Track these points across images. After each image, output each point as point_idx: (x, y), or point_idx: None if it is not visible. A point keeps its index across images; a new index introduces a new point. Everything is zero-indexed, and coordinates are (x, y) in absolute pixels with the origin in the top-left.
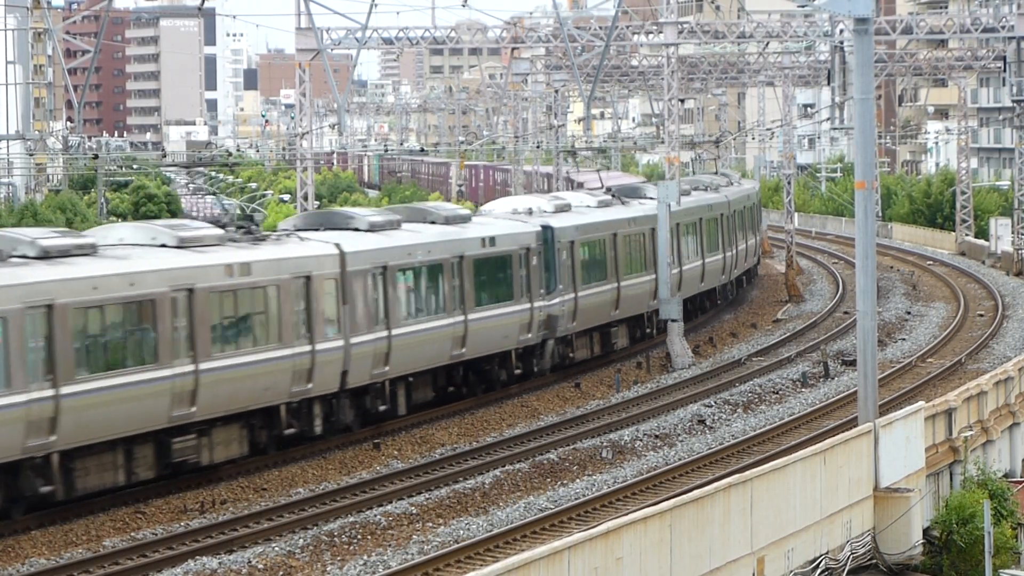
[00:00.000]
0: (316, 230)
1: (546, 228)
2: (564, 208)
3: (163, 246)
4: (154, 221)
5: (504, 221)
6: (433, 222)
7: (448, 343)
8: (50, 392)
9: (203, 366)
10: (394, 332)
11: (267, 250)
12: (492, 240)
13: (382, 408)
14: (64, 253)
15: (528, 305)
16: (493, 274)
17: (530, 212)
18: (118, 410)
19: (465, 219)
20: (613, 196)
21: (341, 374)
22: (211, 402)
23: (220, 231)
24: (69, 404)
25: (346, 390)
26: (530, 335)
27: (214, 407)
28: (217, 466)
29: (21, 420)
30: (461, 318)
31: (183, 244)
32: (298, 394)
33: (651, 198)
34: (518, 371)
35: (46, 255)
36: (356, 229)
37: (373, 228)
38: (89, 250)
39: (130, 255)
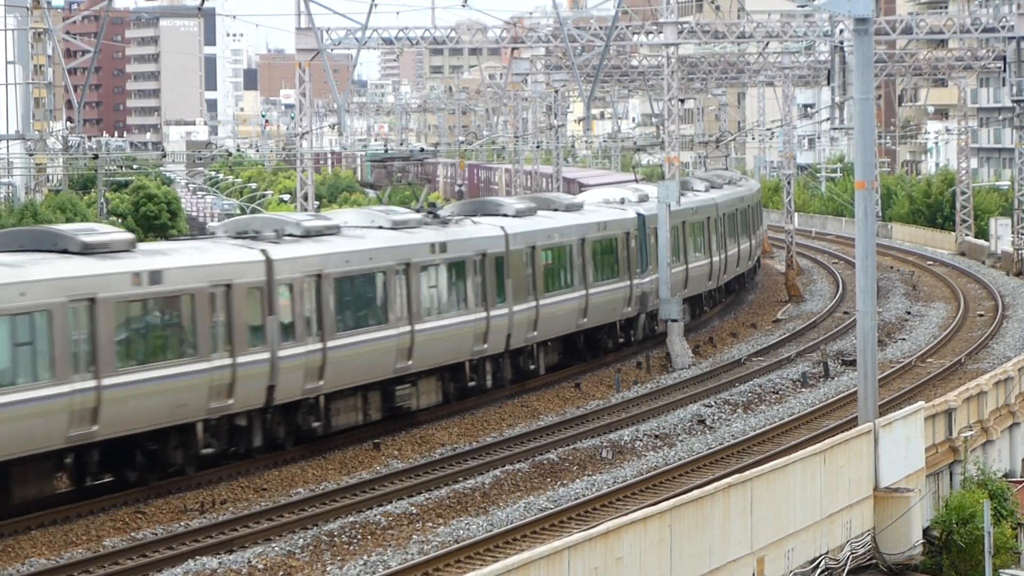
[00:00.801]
0: (474, 215)
1: (639, 215)
2: (644, 198)
3: (380, 227)
4: (372, 207)
5: (607, 208)
6: (556, 209)
7: (573, 314)
8: (318, 345)
9: (417, 327)
10: (542, 302)
11: (454, 231)
12: (605, 225)
13: (532, 367)
14: (320, 233)
15: (628, 282)
16: (605, 255)
17: (623, 202)
18: (361, 361)
19: (580, 207)
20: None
21: (506, 337)
22: (422, 358)
23: (419, 215)
24: (332, 354)
25: (510, 349)
26: (629, 308)
27: (421, 363)
28: (424, 409)
29: (277, 367)
30: (583, 292)
31: (396, 226)
32: (477, 353)
33: (697, 190)
34: (620, 340)
35: (308, 234)
36: (506, 215)
37: (519, 214)
38: (335, 231)
39: (364, 235)
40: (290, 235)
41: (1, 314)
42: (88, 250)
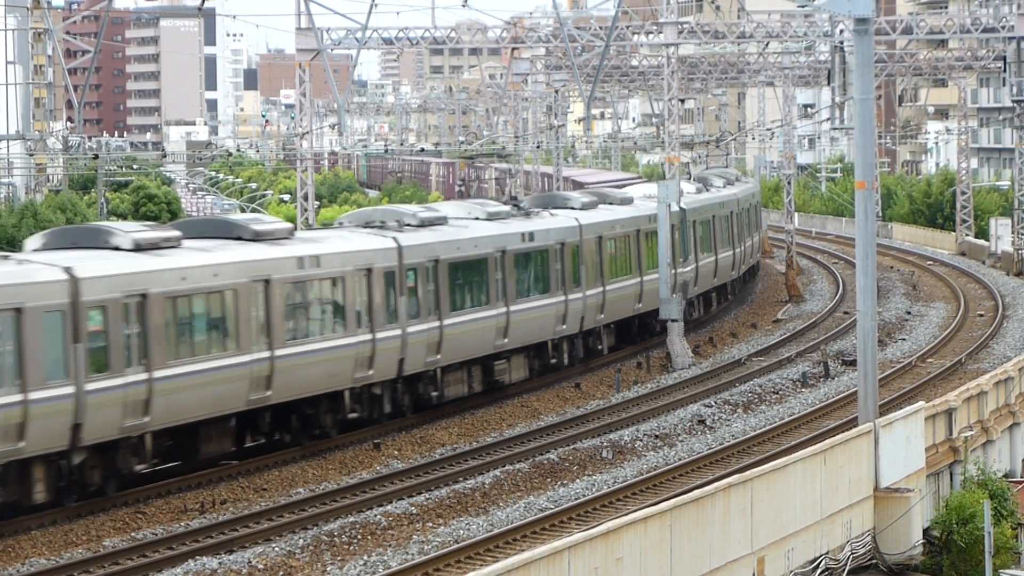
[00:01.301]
0: (547, 208)
1: (682, 209)
2: (693, 191)
3: (477, 219)
4: (467, 200)
5: (652, 202)
6: (612, 203)
7: (631, 299)
8: (436, 324)
9: (512, 308)
10: (608, 288)
11: (538, 222)
12: (654, 218)
13: (599, 347)
14: (432, 223)
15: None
16: (655, 246)
17: (696, 191)
18: (469, 338)
19: (631, 201)
20: (700, 182)
21: (580, 319)
22: (515, 337)
23: (507, 208)
24: (448, 331)
25: (583, 330)
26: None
27: (515, 340)
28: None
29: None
30: (639, 279)
31: (491, 217)
32: (558, 333)
33: (717, 185)
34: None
35: (423, 224)
36: (574, 208)
37: (585, 207)
38: (444, 221)
39: (468, 225)
40: (409, 224)
41: (199, 293)
42: (259, 238)
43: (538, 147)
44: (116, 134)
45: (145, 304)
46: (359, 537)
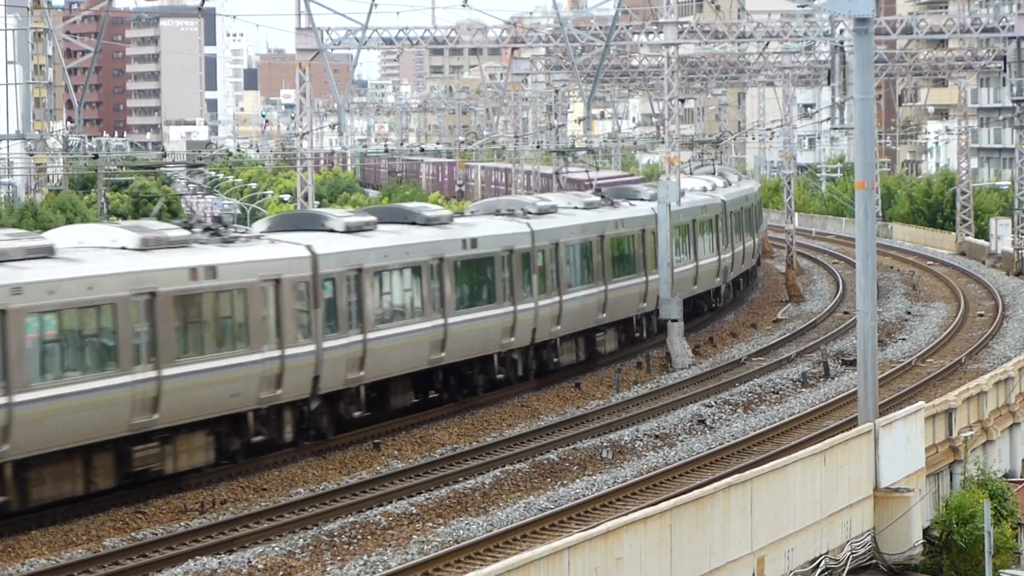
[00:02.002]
0: (624, 199)
1: (723, 201)
2: (715, 187)
3: (576, 208)
4: (566, 192)
5: (701, 195)
6: (643, 199)
7: (689, 281)
8: (556, 299)
9: (610, 286)
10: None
11: (625, 211)
12: (705, 208)
13: (638, 335)
14: (546, 212)
15: (717, 257)
16: (705, 233)
17: (713, 188)
18: (577, 312)
19: (683, 193)
20: (722, 178)
21: (656, 298)
22: (612, 311)
23: (599, 198)
24: (567, 306)
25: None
26: (719, 279)
27: (613, 315)
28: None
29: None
30: (694, 264)
31: (588, 206)
32: (642, 310)
33: (733, 180)
34: (714, 305)
35: (541, 212)
36: (643, 199)
37: (652, 199)
38: (555, 210)
39: (574, 213)
40: (531, 212)
41: (396, 268)
42: (429, 223)
43: (538, 147)
44: (116, 134)
45: (360, 277)
46: (359, 537)
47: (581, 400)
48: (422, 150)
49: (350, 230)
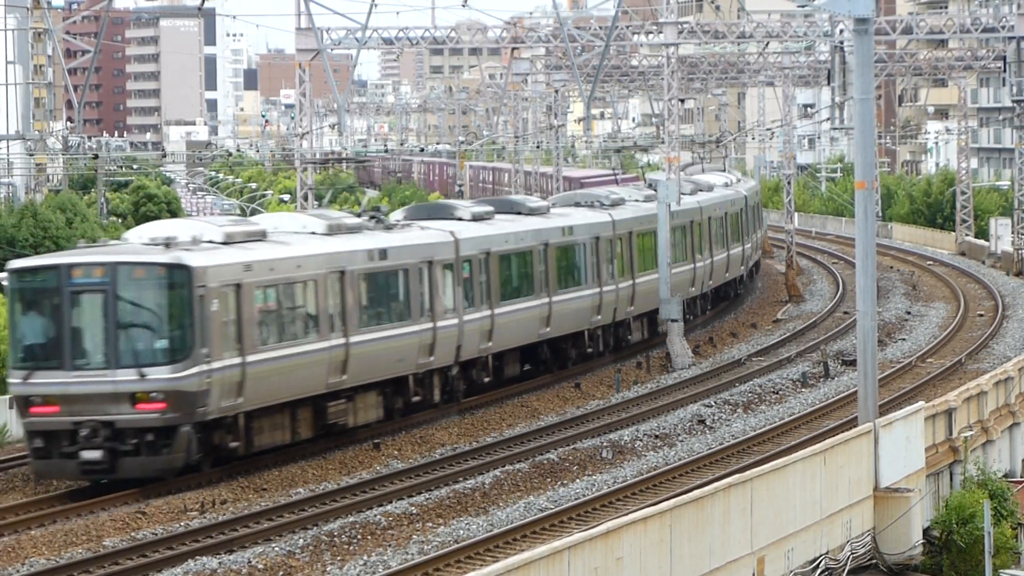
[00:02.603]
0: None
1: (744, 196)
2: (738, 181)
3: (637, 201)
4: (627, 185)
5: (727, 189)
6: (701, 189)
7: (723, 268)
8: (630, 282)
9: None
10: (715, 258)
11: (685, 201)
12: (733, 202)
13: (707, 310)
14: (617, 203)
15: (742, 248)
16: (734, 225)
17: (726, 185)
18: (647, 295)
19: (712, 187)
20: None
21: (701, 283)
22: (638, 304)
23: (653, 191)
24: (639, 288)
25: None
26: (743, 268)
27: (638, 307)
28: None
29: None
30: (726, 253)
31: (647, 199)
32: (691, 293)
33: (741, 178)
34: (739, 292)
35: (614, 204)
36: (687, 194)
37: (693, 192)
38: (623, 202)
39: (639, 206)
40: (604, 204)
41: (515, 252)
42: (533, 212)
43: (538, 147)
44: (116, 134)
45: (488, 259)
46: (359, 537)
47: (581, 400)
48: (422, 150)
49: (476, 218)
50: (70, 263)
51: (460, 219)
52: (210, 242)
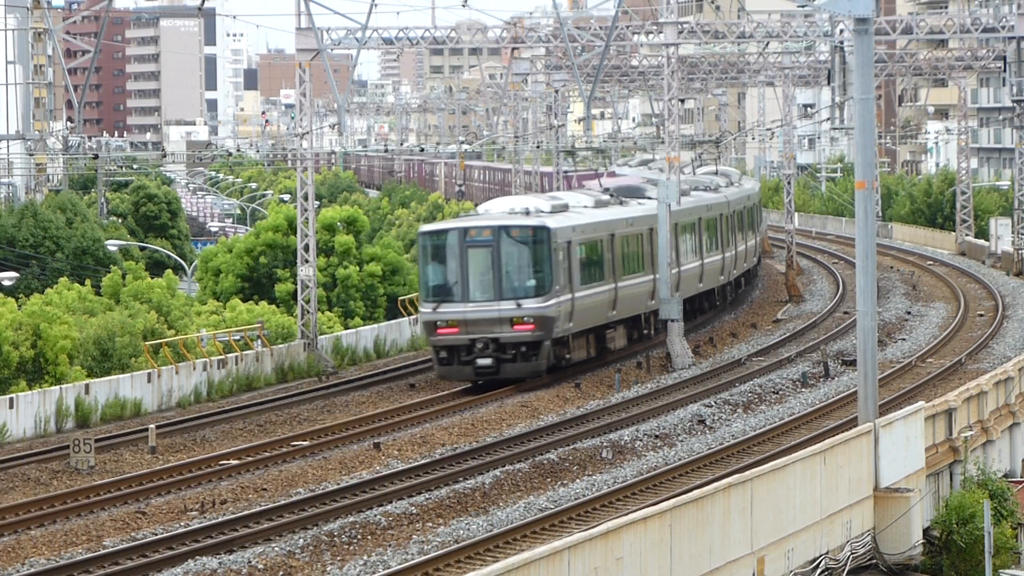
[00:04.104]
0: (728, 183)
1: (726, 200)
2: (728, 185)
3: (730, 186)
4: (693, 176)
5: (750, 181)
6: (733, 183)
7: (752, 254)
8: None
9: (732, 251)
10: (748, 244)
11: (731, 191)
12: (750, 196)
13: (739, 292)
14: (719, 188)
15: (756, 239)
16: (751, 217)
17: (728, 185)
18: (710, 271)
19: (689, 192)
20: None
21: (736, 264)
22: (737, 267)
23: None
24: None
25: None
26: (755, 258)
27: (737, 270)
28: None
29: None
30: (753, 240)
31: (717, 188)
32: (744, 269)
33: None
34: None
35: (716, 188)
36: (729, 186)
37: (729, 185)
38: (719, 188)
39: (735, 189)
40: (720, 187)
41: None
42: (708, 188)
43: (538, 147)
44: (116, 134)
45: (652, 234)
46: (359, 537)
47: (581, 400)
48: (422, 150)
49: (648, 198)
50: (466, 226)
51: (649, 198)
52: (545, 211)
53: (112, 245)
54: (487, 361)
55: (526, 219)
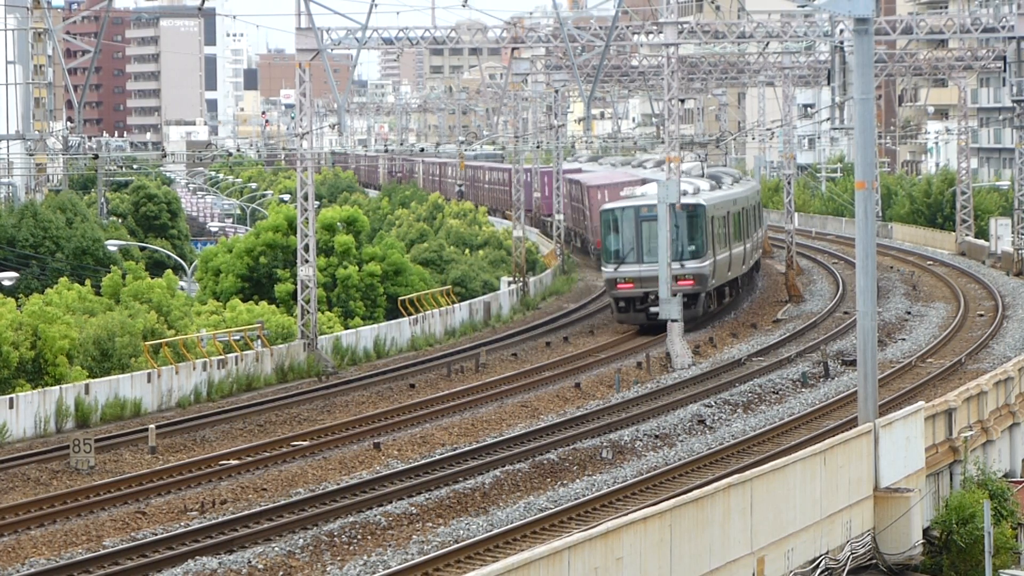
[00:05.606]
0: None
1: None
2: (711, 188)
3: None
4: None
5: (750, 183)
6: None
7: (752, 255)
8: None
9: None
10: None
11: (746, 186)
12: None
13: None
14: (741, 180)
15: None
16: (748, 216)
17: (711, 189)
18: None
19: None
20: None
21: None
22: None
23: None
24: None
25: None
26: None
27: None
28: None
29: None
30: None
31: (742, 180)
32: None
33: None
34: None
35: (736, 180)
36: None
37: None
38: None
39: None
40: (749, 179)
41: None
42: (736, 182)
43: (538, 147)
44: (116, 134)
45: (754, 210)
46: (359, 537)
47: (581, 400)
48: (424, 150)
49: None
50: (639, 205)
51: (737, 180)
52: (704, 189)
53: (112, 245)
54: (656, 309)
55: (686, 198)
